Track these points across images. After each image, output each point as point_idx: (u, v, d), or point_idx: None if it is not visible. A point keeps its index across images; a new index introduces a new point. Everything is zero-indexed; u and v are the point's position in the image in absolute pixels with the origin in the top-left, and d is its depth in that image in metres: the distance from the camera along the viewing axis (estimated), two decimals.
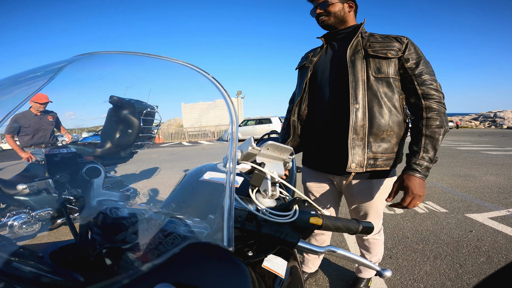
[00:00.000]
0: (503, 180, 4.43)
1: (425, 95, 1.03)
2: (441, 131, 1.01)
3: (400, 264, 1.93)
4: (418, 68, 1.05)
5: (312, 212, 0.52)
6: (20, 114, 2.08)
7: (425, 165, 0.98)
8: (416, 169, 0.98)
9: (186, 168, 0.76)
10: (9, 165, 0.66)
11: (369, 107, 1.04)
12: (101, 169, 0.45)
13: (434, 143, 1.00)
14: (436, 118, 1.01)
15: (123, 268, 0.31)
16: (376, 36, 1.11)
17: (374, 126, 1.05)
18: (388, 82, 1.06)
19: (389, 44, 1.06)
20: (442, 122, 1.01)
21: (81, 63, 0.51)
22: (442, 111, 1.02)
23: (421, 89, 1.04)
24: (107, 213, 0.39)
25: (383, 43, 1.07)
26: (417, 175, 0.98)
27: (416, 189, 0.96)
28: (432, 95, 1.03)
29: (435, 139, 1.00)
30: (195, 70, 0.50)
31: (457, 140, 12.38)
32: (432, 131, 1.00)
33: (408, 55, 1.06)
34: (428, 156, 0.99)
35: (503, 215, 2.86)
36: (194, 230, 0.37)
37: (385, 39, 1.08)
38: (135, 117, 0.79)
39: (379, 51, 1.06)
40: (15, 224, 1.37)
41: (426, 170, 0.98)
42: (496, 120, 28.69)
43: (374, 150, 1.06)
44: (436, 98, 1.03)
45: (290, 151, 0.53)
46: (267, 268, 0.49)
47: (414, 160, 0.99)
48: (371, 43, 1.09)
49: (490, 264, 1.91)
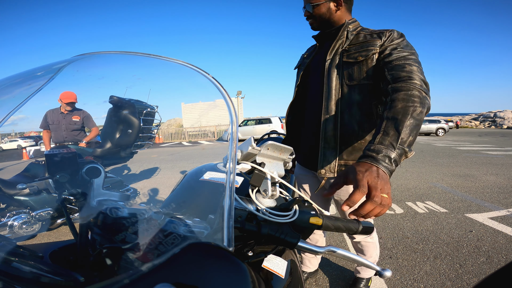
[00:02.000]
0: (503, 180, 4.43)
1: (394, 79, 0.87)
2: (409, 110, 0.74)
3: (400, 264, 1.93)
4: (392, 56, 0.92)
5: (312, 212, 0.52)
6: (50, 110, 2.11)
7: (384, 152, 0.67)
8: (371, 155, 0.68)
9: (186, 168, 0.76)
10: (9, 165, 0.66)
11: (341, 116, 1.02)
12: (101, 169, 0.45)
13: (398, 124, 0.72)
14: (402, 99, 0.78)
15: (123, 268, 0.31)
16: (362, 34, 1.04)
17: (345, 136, 1.02)
18: (361, 88, 1.00)
19: (367, 43, 0.99)
20: (410, 102, 0.76)
21: (81, 63, 0.51)
22: (414, 91, 0.79)
23: (390, 74, 0.89)
24: (107, 213, 0.39)
25: (361, 44, 1.01)
26: (373, 163, 0.66)
27: (372, 180, 0.59)
28: (402, 77, 0.85)
29: (398, 119, 0.73)
30: (195, 70, 0.50)
31: (457, 140, 12.38)
32: (395, 111, 0.75)
33: (385, 47, 0.96)
34: (388, 140, 0.70)
35: (503, 215, 2.86)
36: (194, 230, 0.37)
37: (366, 38, 1.01)
38: (135, 117, 0.79)
39: (351, 55, 1.01)
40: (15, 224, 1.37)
41: (386, 158, 0.67)
42: (496, 120, 28.68)
43: (345, 158, 1.03)
44: (406, 78, 0.84)
45: (290, 151, 0.53)
46: (267, 268, 0.49)
47: (369, 146, 0.71)
48: (350, 45, 1.03)
49: (490, 264, 1.91)
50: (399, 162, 0.69)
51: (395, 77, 0.86)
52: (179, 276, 0.28)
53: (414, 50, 0.95)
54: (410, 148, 0.71)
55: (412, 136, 0.72)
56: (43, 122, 2.08)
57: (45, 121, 2.13)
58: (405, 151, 0.70)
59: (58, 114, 2.22)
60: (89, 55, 0.51)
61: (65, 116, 2.23)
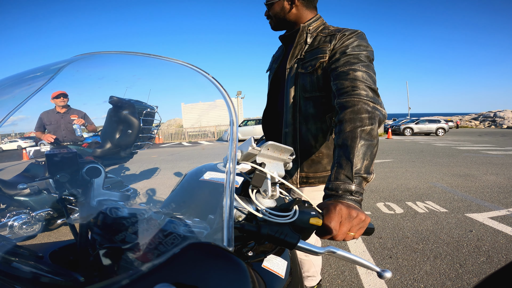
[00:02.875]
0: (503, 179, 4.43)
1: (339, 91, 0.78)
2: (356, 132, 0.68)
3: (400, 264, 1.93)
4: (339, 61, 0.82)
5: (313, 212, 0.52)
6: (45, 112, 2.10)
7: (342, 187, 0.63)
8: (331, 194, 0.64)
9: (186, 168, 0.76)
10: (9, 166, 0.66)
11: (300, 129, 0.98)
12: (102, 169, 0.45)
13: (348, 153, 0.67)
14: (349, 119, 0.71)
15: (123, 268, 0.31)
16: (319, 36, 0.93)
17: (305, 149, 0.99)
18: (315, 101, 0.94)
19: (317, 50, 0.91)
20: (358, 122, 0.70)
21: (81, 63, 0.51)
22: (359, 106, 0.72)
23: (334, 84, 0.81)
24: (107, 213, 0.39)
25: (313, 50, 0.92)
26: (337, 199, 0.62)
27: (344, 220, 0.55)
28: (346, 88, 0.76)
29: (348, 146, 0.68)
30: (195, 70, 0.50)
31: (457, 140, 12.38)
32: (344, 137, 0.69)
33: (334, 51, 0.86)
34: (343, 173, 0.65)
35: (503, 214, 2.86)
36: (194, 230, 0.37)
37: (319, 43, 0.92)
38: (135, 118, 0.79)
39: (305, 65, 0.93)
40: (15, 225, 1.37)
41: (347, 193, 0.63)
42: (496, 120, 28.70)
43: (306, 170, 1.01)
44: (349, 89, 0.76)
45: (290, 151, 0.53)
46: (267, 268, 0.49)
47: (328, 184, 0.67)
48: (306, 52, 0.94)
49: (490, 263, 1.91)
50: (363, 190, 0.65)
51: (339, 89, 0.79)
52: (179, 276, 0.28)
53: (367, 48, 0.85)
54: (369, 172, 0.66)
55: (366, 159, 0.67)
56: (39, 125, 2.04)
57: (41, 124, 2.09)
58: (363, 177, 0.65)
59: (54, 114, 2.21)
60: (89, 55, 0.51)
61: (63, 116, 2.21)
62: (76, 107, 2.46)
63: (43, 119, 2.12)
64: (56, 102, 2.18)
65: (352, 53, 0.83)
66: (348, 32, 0.88)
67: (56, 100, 2.19)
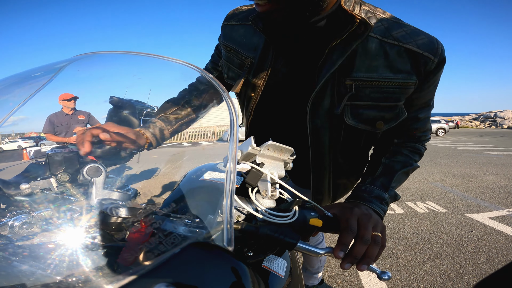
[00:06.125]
0: (503, 180, 4.43)
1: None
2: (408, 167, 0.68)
3: (400, 264, 1.93)
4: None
5: (313, 213, 0.52)
6: (53, 114, 2.13)
7: (376, 192, 0.60)
8: (358, 195, 0.61)
9: (186, 169, 0.76)
10: (10, 166, 0.67)
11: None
12: (103, 168, 0.45)
13: (390, 172, 0.66)
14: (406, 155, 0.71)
15: (123, 268, 0.32)
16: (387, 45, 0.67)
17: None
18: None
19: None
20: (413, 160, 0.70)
21: (82, 63, 0.51)
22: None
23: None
24: (107, 212, 0.39)
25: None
26: (364, 202, 0.58)
27: (362, 218, 0.49)
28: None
29: (392, 169, 0.68)
30: (196, 70, 0.50)
31: (457, 140, 12.37)
32: (395, 163, 0.69)
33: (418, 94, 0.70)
34: (381, 181, 0.63)
35: (503, 215, 2.86)
36: (194, 230, 0.37)
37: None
38: (135, 118, 0.79)
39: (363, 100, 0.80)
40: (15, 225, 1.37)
41: (378, 198, 0.59)
42: (497, 120, 28.69)
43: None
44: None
45: (291, 151, 0.53)
46: (267, 268, 0.49)
47: (357, 187, 0.65)
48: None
49: (490, 264, 1.91)
50: (388, 206, 0.60)
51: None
52: (178, 276, 0.28)
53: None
54: (398, 194, 0.64)
55: (400, 183, 0.65)
56: (48, 127, 2.06)
57: (51, 125, 2.12)
58: (395, 193, 0.62)
59: (63, 116, 2.26)
60: (89, 55, 0.51)
61: (72, 117, 2.27)
62: (77, 107, 2.49)
63: (53, 121, 2.14)
64: (66, 104, 2.21)
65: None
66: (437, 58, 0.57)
67: (67, 103, 2.21)
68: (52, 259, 0.31)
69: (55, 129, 2.32)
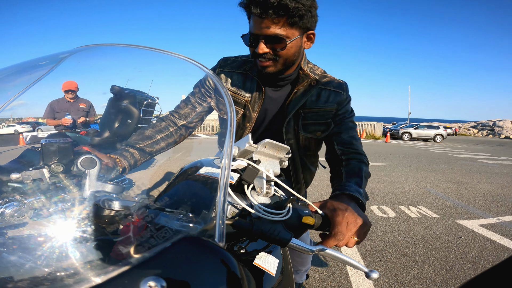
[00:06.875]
0: (496, 188, 4.49)
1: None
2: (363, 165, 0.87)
3: (389, 267, 1.96)
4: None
5: (306, 211, 0.52)
6: (55, 100, 2.16)
7: (354, 187, 0.73)
8: (340, 191, 0.73)
9: (183, 162, 0.76)
10: (4, 151, 0.66)
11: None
12: (97, 160, 0.45)
13: (357, 175, 0.85)
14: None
15: (113, 260, 0.32)
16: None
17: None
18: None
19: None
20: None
21: (83, 54, 0.50)
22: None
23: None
24: (100, 204, 0.39)
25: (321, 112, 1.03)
26: (351, 194, 0.69)
27: (351, 223, 0.56)
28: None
29: (357, 172, 0.87)
30: (197, 65, 0.50)
31: (454, 147, 12.46)
32: (353, 166, 0.89)
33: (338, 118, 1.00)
34: (355, 181, 0.77)
35: (493, 222, 2.91)
36: (186, 224, 0.38)
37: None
38: (135, 108, 0.78)
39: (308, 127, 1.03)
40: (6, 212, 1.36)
41: (357, 192, 0.71)
42: (495, 129, 28.88)
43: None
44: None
45: (287, 150, 0.54)
46: (258, 265, 0.49)
47: (337, 185, 0.79)
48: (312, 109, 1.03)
49: (476, 270, 1.95)
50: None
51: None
52: (169, 270, 0.28)
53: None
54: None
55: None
56: (48, 112, 2.08)
57: (51, 111, 2.14)
58: (366, 193, 0.77)
59: (65, 103, 2.31)
60: (91, 46, 0.50)
61: (73, 104, 2.32)
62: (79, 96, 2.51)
63: (53, 107, 2.16)
64: (68, 94, 2.25)
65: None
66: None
67: (69, 93, 2.22)
68: (43, 250, 0.32)
69: (55, 116, 2.31)
